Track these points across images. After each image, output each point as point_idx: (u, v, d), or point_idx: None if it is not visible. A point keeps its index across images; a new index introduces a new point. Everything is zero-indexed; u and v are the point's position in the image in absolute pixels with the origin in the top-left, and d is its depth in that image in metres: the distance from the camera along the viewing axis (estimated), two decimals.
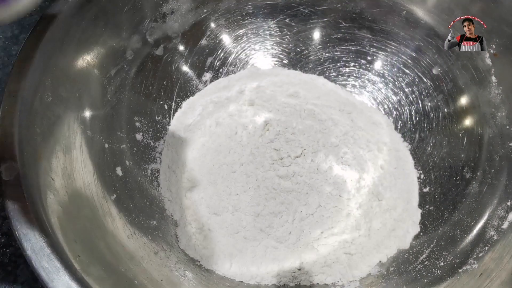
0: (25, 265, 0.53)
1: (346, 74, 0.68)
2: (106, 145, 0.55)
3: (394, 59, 0.66)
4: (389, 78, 0.66)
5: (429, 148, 0.61)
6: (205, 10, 0.65)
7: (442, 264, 0.52)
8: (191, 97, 0.65)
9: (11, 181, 0.39)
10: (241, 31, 0.68)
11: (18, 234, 0.38)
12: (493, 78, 0.57)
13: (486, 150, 0.56)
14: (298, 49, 0.69)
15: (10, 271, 0.53)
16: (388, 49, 0.66)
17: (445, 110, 0.62)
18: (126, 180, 0.55)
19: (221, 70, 0.68)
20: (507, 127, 0.55)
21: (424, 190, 0.59)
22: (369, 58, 0.67)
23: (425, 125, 0.63)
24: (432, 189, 0.59)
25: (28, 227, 0.38)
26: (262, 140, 0.57)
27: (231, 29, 0.68)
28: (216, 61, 0.67)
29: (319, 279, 0.52)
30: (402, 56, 0.65)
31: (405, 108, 0.65)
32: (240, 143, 0.57)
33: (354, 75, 0.68)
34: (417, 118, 0.64)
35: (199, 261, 0.53)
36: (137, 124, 0.60)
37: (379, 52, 0.67)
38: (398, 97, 0.66)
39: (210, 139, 0.59)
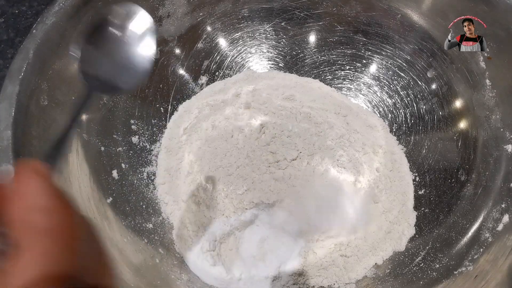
0: None
1: (342, 77, 0.68)
2: (102, 148, 0.55)
3: (389, 62, 0.66)
4: (384, 81, 0.67)
5: (424, 151, 0.62)
6: (201, 14, 0.65)
7: (438, 266, 0.52)
8: (187, 100, 0.65)
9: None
10: (237, 34, 0.68)
11: None
12: (487, 81, 0.57)
13: (481, 152, 0.57)
14: (294, 53, 0.69)
15: None
16: (383, 53, 0.66)
17: (440, 113, 0.62)
18: (122, 183, 0.55)
19: (217, 73, 0.68)
20: (501, 129, 0.55)
21: (420, 192, 0.59)
22: (364, 61, 0.68)
23: (420, 127, 0.63)
24: (427, 191, 0.59)
25: None
26: (258, 143, 0.57)
27: (227, 32, 0.68)
28: (212, 64, 0.68)
29: (316, 282, 0.52)
30: (397, 60, 0.66)
31: (400, 111, 0.65)
32: (236, 146, 0.57)
33: (350, 78, 0.68)
34: (412, 121, 0.64)
35: None
36: (133, 127, 0.60)
37: (374, 55, 0.67)
38: (393, 100, 0.66)
39: (206, 142, 0.59)
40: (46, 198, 0.20)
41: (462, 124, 0.60)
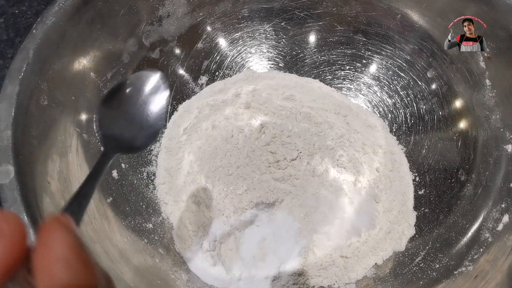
0: None
1: (342, 77, 0.68)
2: (102, 148, 0.54)
3: (389, 62, 0.66)
4: (384, 81, 0.67)
5: (424, 151, 0.62)
6: (201, 14, 0.65)
7: (438, 266, 0.52)
8: (187, 100, 0.65)
9: (6, 185, 0.39)
10: (237, 34, 0.68)
11: None
12: (487, 81, 0.57)
13: (481, 152, 0.57)
14: (294, 53, 0.69)
15: None
16: (383, 53, 0.66)
17: (440, 113, 0.62)
18: (122, 183, 0.55)
19: (217, 73, 0.68)
20: (501, 129, 0.55)
21: (420, 192, 0.59)
22: (364, 61, 0.68)
23: (420, 127, 0.63)
24: (427, 191, 0.59)
25: None
26: (258, 143, 0.57)
27: (227, 32, 0.68)
28: (212, 64, 0.68)
29: (315, 282, 0.52)
30: (397, 60, 0.66)
31: (400, 111, 0.65)
32: (236, 146, 0.57)
33: (350, 78, 0.68)
34: (412, 121, 0.64)
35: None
36: None
37: (374, 55, 0.67)
38: (393, 100, 0.66)
39: (206, 142, 0.59)
40: (69, 250, 0.20)
41: (462, 124, 0.60)
